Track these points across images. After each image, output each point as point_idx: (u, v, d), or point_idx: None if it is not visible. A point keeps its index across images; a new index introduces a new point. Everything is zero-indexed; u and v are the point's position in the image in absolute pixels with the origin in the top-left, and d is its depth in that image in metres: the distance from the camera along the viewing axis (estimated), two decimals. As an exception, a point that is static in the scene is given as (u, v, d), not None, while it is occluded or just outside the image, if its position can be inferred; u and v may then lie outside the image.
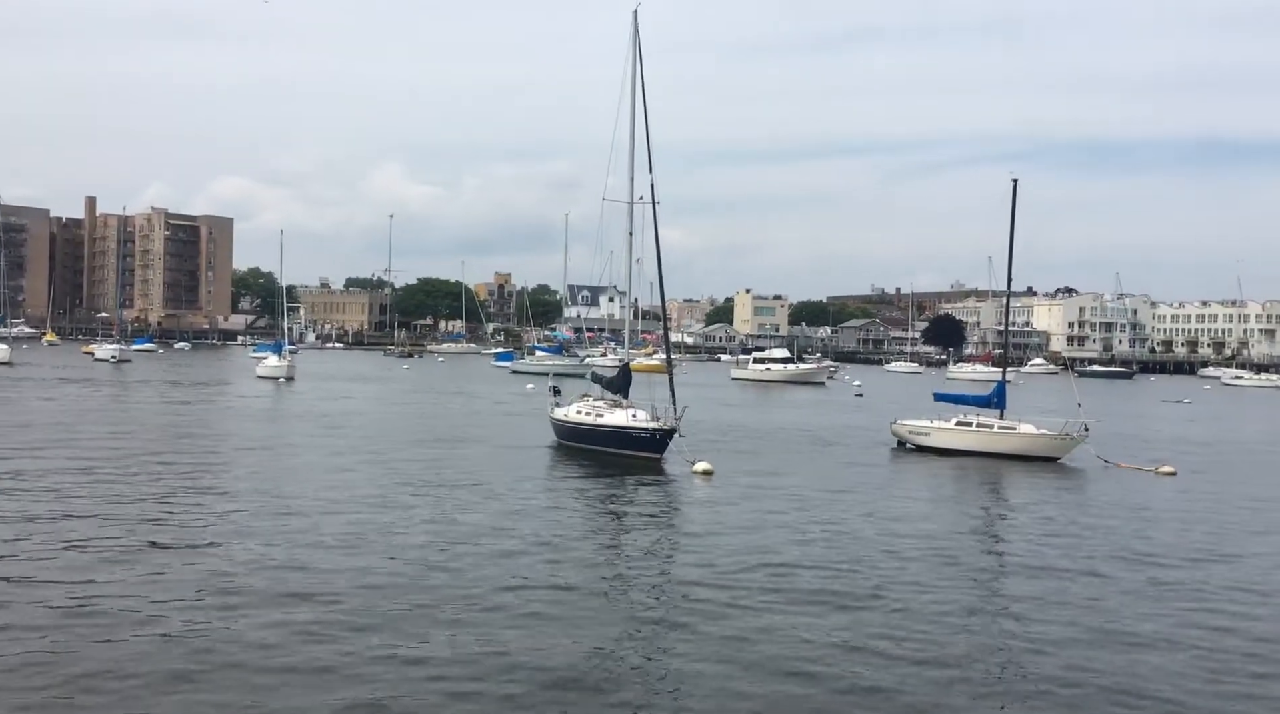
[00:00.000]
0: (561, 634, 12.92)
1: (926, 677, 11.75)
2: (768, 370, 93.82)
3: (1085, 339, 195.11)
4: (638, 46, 33.81)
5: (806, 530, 20.22)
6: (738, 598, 14.85)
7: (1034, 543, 20.12)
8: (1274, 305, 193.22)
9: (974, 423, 35.32)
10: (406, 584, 15.00)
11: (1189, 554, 19.28)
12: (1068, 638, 13.41)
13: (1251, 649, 13.28)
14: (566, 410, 33.57)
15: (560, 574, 16.01)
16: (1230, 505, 25.72)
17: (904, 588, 15.87)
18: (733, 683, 11.39)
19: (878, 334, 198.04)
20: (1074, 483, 29.48)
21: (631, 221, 35.44)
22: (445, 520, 19.98)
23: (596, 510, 22.58)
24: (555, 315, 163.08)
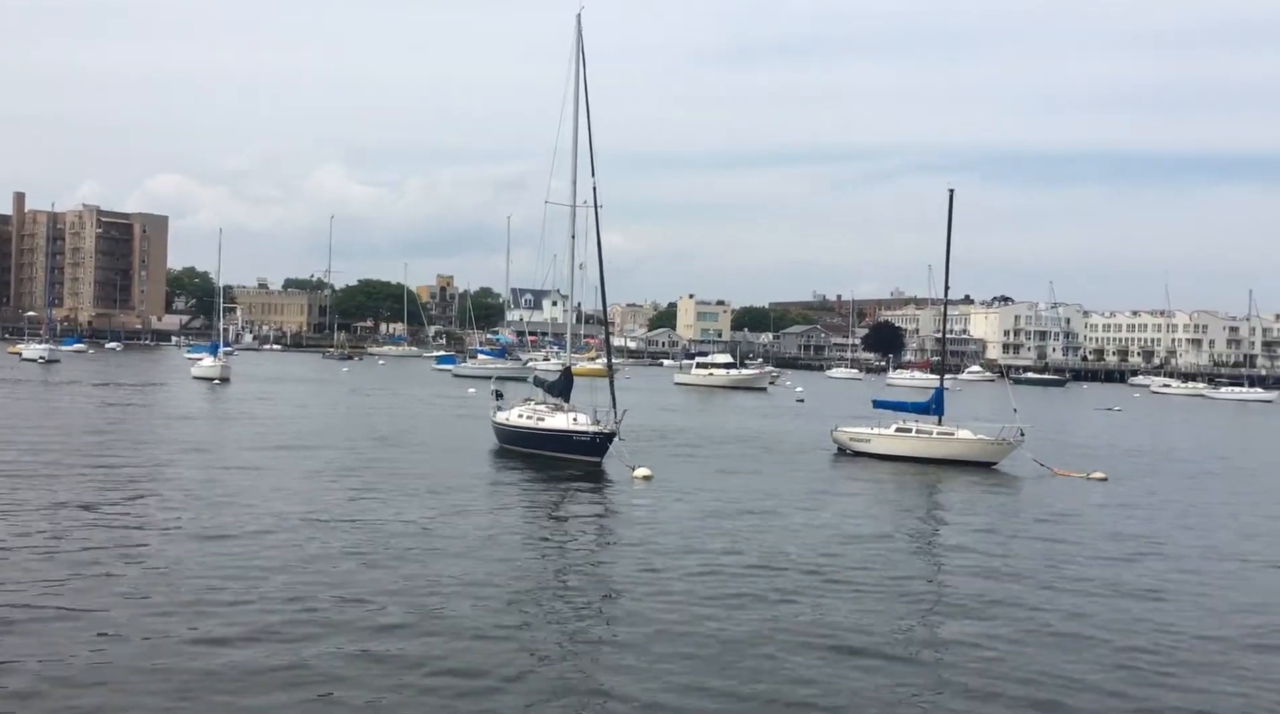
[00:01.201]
0: (490, 635, 12.82)
1: (855, 676, 11.82)
2: (710, 375, 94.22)
3: (1020, 347, 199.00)
4: (581, 49, 33.80)
5: (743, 535, 20.25)
6: (672, 602, 14.80)
7: (969, 546, 20.34)
8: (1200, 316, 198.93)
9: (913, 429, 35.75)
10: (335, 584, 14.73)
11: (1113, 555, 19.68)
12: (993, 634, 13.59)
13: (1158, 644, 13.68)
14: (508, 414, 33.39)
15: (494, 577, 15.87)
16: (1157, 510, 26.29)
17: (837, 588, 16.00)
18: (661, 683, 11.36)
19: (819, 340, 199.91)
20: (1009, 488, 29.96)
21: (574, 225, 35.36)
22: (380, 523, 19.66)
23: (534, 513, 22.41)
24: (498, 318, 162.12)
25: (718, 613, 14.30)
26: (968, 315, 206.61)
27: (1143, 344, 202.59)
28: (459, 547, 18.09)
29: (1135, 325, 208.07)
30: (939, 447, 34.86)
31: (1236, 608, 16.03)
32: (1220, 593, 17.02)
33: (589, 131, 33.45)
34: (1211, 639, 14.11)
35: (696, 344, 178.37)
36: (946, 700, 11.33)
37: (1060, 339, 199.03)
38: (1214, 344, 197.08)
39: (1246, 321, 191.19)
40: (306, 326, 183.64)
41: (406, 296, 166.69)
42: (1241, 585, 17.75)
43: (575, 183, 34.74)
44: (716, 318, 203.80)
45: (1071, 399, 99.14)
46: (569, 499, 24.43)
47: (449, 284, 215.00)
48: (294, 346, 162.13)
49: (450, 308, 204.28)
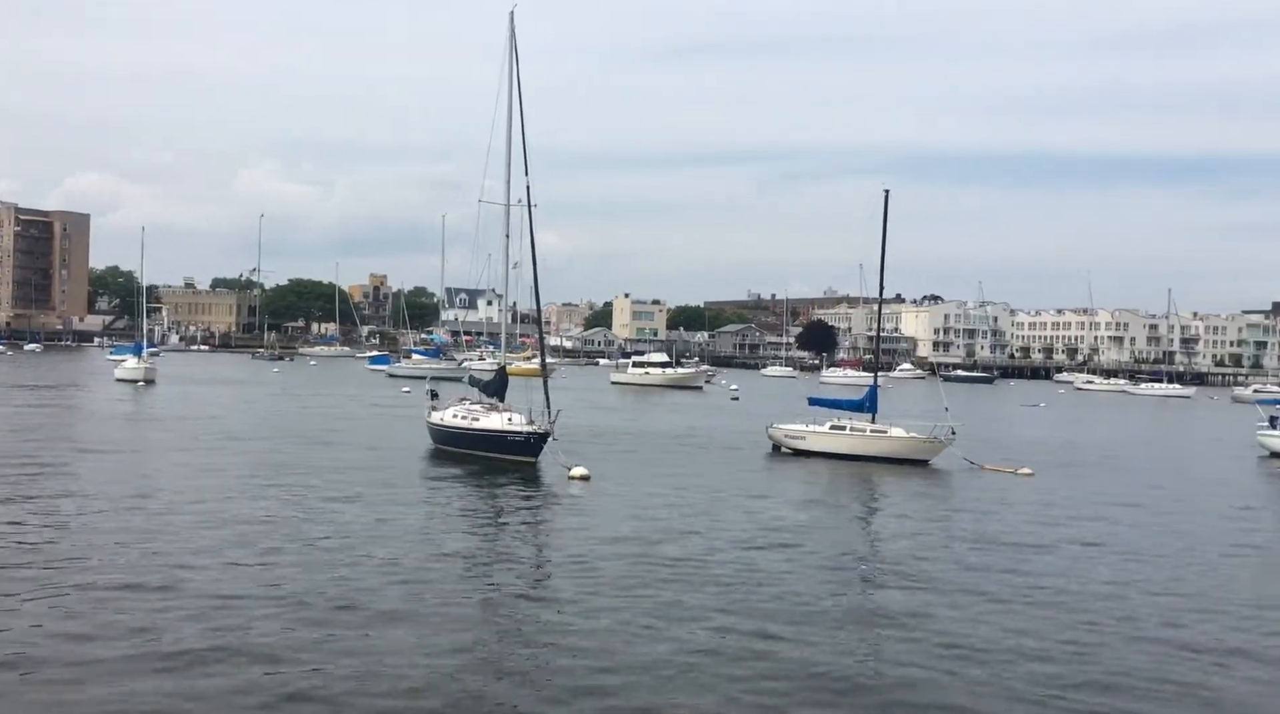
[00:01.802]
0: (422, 635, 12.73)
1: (789, 669, 11.92)
2: (647, 374, 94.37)
3: (950, 345, 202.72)
4: (514, 48, 33.63)
5: (679, 532, 20.35)
6: (606, 599, 14.81)
7: (900, 541, 20.70)
8: (1122, 314, 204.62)
9: (848, 427, 36.20)
10: (259, 584, 14.50)
11: (1038, 545, 20.18)
12: (925, 627, 13.85)
13: (1076, 622, 14.13)
14: (443, 414, 33.11)
15: (427, 577, 15.75)
16: (1080, 504, 26.95)
17: (769, 584, 16.17)
18: (593, 682, 11.35)
19: (754, 339, 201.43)
20: (941, 484, 30.49)
21: (508, 224, 35.15)
22: (310, 525, 19.33)
23: (468, 513, 22.25)
24: (432, 318, 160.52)
25: (651, 610, 14.33)
26: (899, 314, 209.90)
27: (1067, 342, 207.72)
28: (391, 547, 17.88)
29: (1060, 323, 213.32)
30: (873, 444, 35.34)
31: (1147, 592, 16.60)
32: (1135, 582, 17.53)
33: (523, 131, 33.40)
34: (1126, 620, 14.58)
35: (632, 343, 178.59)
36: (874, 687, 11.50)
37: (988, 337, 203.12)
38: (1135, 342, 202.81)
39: (1165, 320, 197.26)
40: (235, 327, 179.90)
41: (339, 296, 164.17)
42: (1153, 573, 18.29)
43: (509, 182, 34.59)
44: (652, 317, 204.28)
45: (999, 396, 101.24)
46: (504, 499, 24.30)
47: (382, 284, 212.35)
48: (222, 347, 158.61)
49: (384, 308, 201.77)
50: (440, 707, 10.67)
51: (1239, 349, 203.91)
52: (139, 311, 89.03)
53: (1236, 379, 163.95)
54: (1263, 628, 14.96)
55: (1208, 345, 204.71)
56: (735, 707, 10.94)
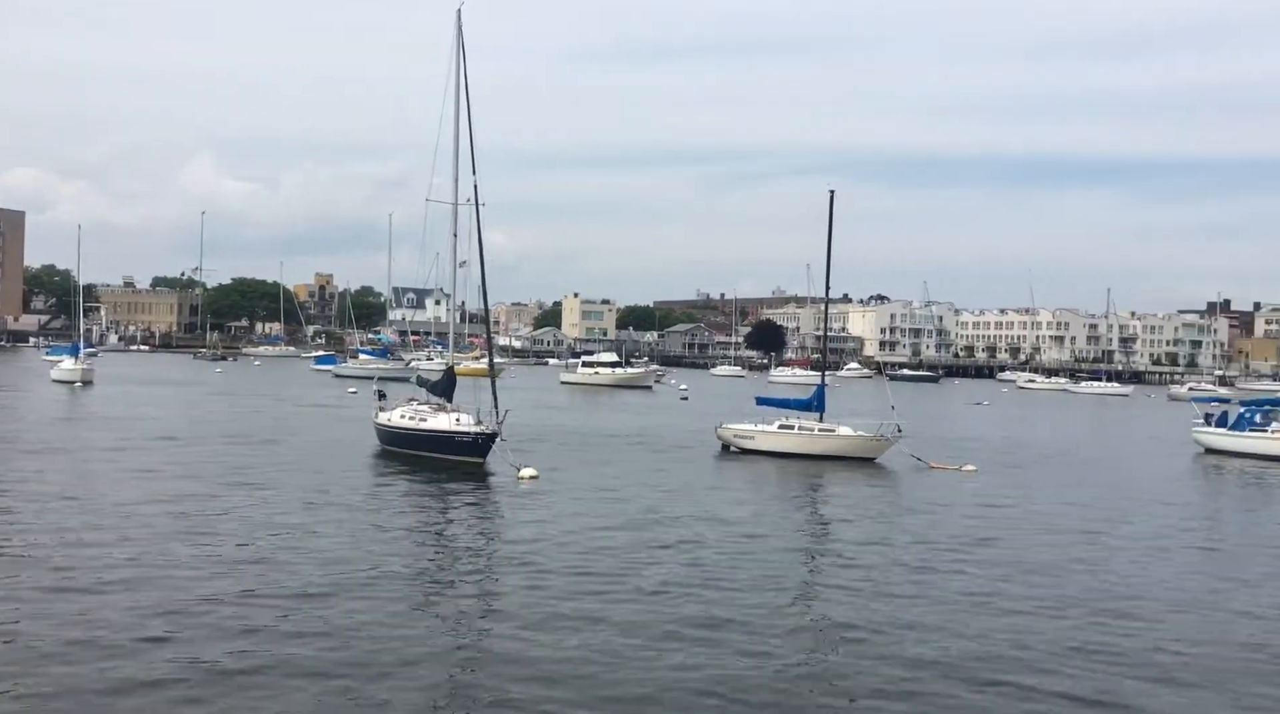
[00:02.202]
0: (366, 636, 12.60)
1: (733, 667, 11.96)
2: (596, 374, 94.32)
3: (896, 344, 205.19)
4: (461, 46, 33.42)
5: (628, 532, 20.32)
6: (554, 598, 14.75)
7: (848, 539, 20.85)
8: (1063, 314, 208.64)
9: (796, 426, 36.44)
10: (199, 586, 14.23)
11: (978, 541, 20.49)
12: (866, 619, 13.97)
13: (1016, 623, 14.25)
14: (390, 414, 32.78)
15: (372, 578, 15.58)
16: (1021, 499, 27.39)
17: (718, 583, 16.22)
18: (540, 680, 11.29)
19: (703, 339, 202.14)
20: (888, 482, 30.81)
21: (456, 223, 34.89)
22: (253, 526, 19.00)
23: (415, 514, 22.04)
24: (379, 318, 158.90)
25: (597, 611, 14.28)
26: (846, 314, 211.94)
27: (1010, 341, 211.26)
28: (336, 548, 17.64)
29: (1003, 323, 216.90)
30: (821, 443, 35.62)
31: (1086, 587, 16.87)
32: (1073, 577, 17.82)
33: (470, 129, 33.19)
34: (1063, 615, 14.82)
35: (582, 343, 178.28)
36: (817, 685, 11.57)
37: (933, 337, 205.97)
38: (1075, 341, 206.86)
39: (1105, 319, 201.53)
40: (177, 327, 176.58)
41: (284, 295, 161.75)
42: (1093, 567, 18.61)
43: (457, 181, 34.38)
44: (602, 317, 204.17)
45: (944, 394, 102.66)
46: (451, 500, 24.11)
47: (328, 283, 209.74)
48: (163, 348, 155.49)
49: (330, 307, 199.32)
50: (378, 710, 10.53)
51: (1175, 348, 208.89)
52: (76, 311, 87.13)
53: (1173, 378, 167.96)
54: (1201, 626, 15.28)
55: (1145, 344, 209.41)
56: (675, 709, 10.93)
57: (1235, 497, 31.81)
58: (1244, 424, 42.88)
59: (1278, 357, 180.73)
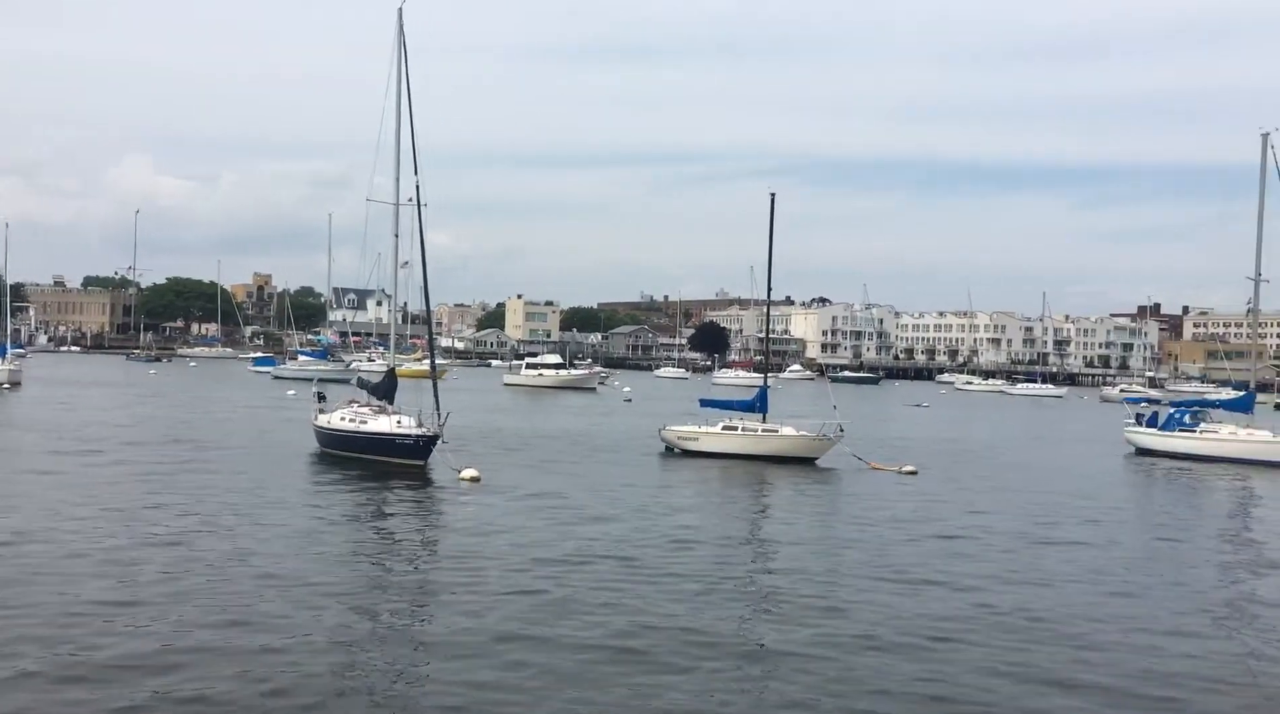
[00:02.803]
0: (301, 641, 12.42)
1: (674, 668, 11.98)
2: (540, 376, 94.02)
3: (837, 346, 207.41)
4: (402, 43, 33.20)
5: (570, 533, 20.25)
6: (493, 601, 14.66)
7: (790, 539, 21.02)
8: (999, 317, 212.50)
9: (739, 427, 36.66)
10: (130, 591, 13.87)
11: (912, 539, 20.77)
12: (800, 612, 14.10)
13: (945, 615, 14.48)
14: (330, 416, 32.35)
15: (309, 582, 15.38)
16: (958, 499, 27.81)
17: (660, 581, 16.24)
18: (477, 686, 11.21)
19: (647, 340, 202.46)
20: (829, 482, 31.11)
21: (397, 223, 34.51)
22: (187, 532, 18.58)
23: (354, 518, 21.75)
24: (319, 319, 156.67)
25: (540, 612, 14.21)
26: (789, 316, 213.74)
27: (948, 343, 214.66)
28: (273, 552, 17.36)
29: (941, 326, 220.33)
30: (764, 444, 35.86)
31: (1016, 581, 17.17)
32: (1007, 572, 18.16)
33: (411, 129, 33.01)
34: (984, 607, 15.09)
35: (525, 345, 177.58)
36: (758, 687, 11.63)
37: (874, 339, 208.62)
38: (1011, 343, 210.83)
39: (1040, 322, 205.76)
40: (110, 327, 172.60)
41: (221, 296, 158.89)
42: (1019, 564, 18.97)
43: (398, 180, 34.02)
44: (545, 318, 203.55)
45: (884, 396, 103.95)
46: (392, 502, 23.86)
47: (267, 283, 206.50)
48: (96, 348, 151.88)
49: (268, 308, 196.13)
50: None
51: (1107, 351, 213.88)
52: (2, 311, 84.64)
53: (1105, 379, 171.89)
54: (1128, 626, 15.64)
55: (1079, 347, 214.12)
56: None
57: (1162, 495, 32.61)
58: (1173, 425, 44.02)
59: (1205, 359, 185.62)
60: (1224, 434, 42.45)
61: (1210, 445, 41.95)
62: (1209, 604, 16.64)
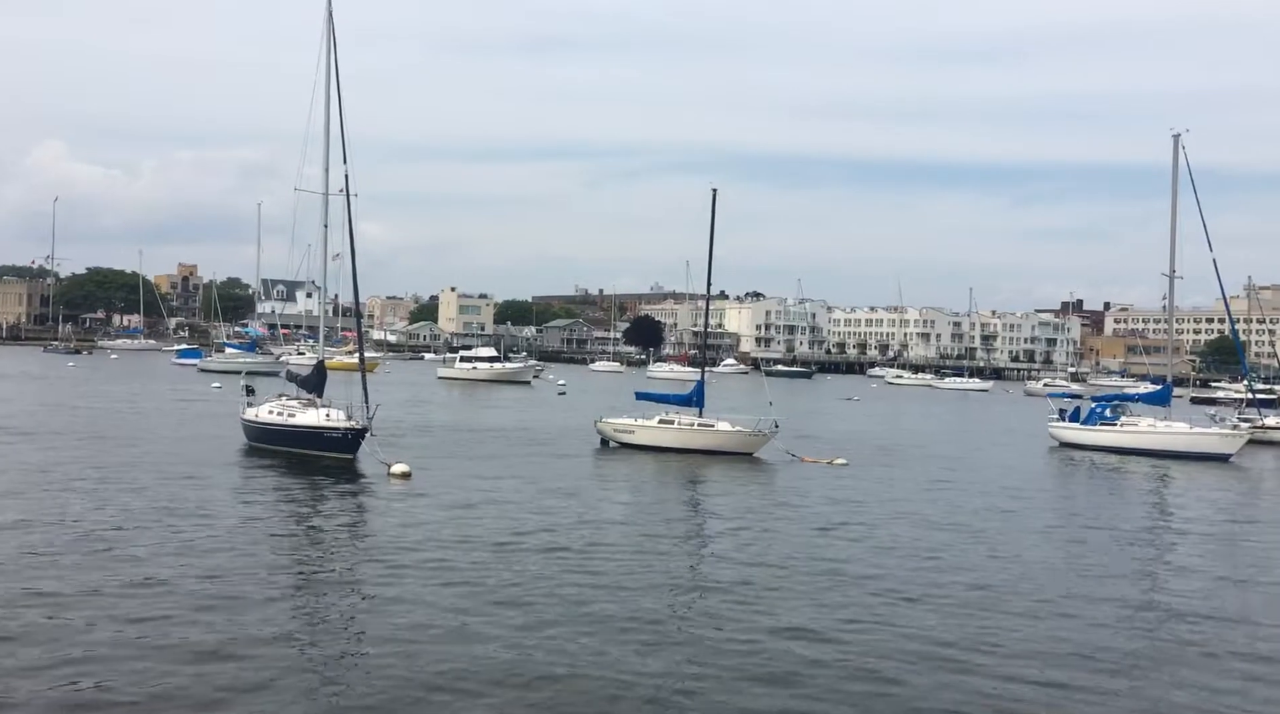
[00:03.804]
0: (226, 638, 12.25)
1: (607, 658, 11.98)
2: (474, 369, 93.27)
3: (771, 341, 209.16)
4: (331, 32, 32.64)
5: (502, 527, 20.13)
6: (419, 594, 14.56)
7: (723, 532, 21.16)
8: (928, 312, 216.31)
9: (675, 421, 36.77)
10: (38, 591, 13.44)
11: (839, 526, 21.07)
12: (732, 602, 14.22)
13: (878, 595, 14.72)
14: (258, 410, 31.76)
15: (229, 578, 15.14)
16: (888, 489, 28.24)
17: (594, 577, 16.27)
18: (403, 678, 11.13)
19: (581, 334, 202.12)
20: (763, 475, 31.35)
21: (327, 214, 33.92)
22: (108, 527, 18.07)
23: (281, 512, 21.37)
24: (247, 311, 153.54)
25: (463, 608, 14.12)
26: (723, 310, 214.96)
27: (879, 338, 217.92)
28: (198, 548, 16.97)
29: (872, 320, 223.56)
30: (700, 438, 36.00)
31: (942, 567, 17.50)
32: (929, 559, 18.50)
33: (340, 118, 32.46)
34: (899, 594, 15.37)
35: (459, 338, 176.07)
36: (694, 669, 11.66)
37: (807, 333, 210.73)
38: (940, 338, 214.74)
39: (967, 317, 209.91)
40: (26, 318, 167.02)
41: (143, 286, 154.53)
42: (939, 547, 19.35)
43: (327, 170, 33.46)
44: (479, 311, 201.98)
45: (818, 390, 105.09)
46: (320, 497, 23.48)
47: (192, 274, 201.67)
48: (11, 340, 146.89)
49: (194, 299, 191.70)
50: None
51: (1032, 346, 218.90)
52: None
53: (1030, 374, 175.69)
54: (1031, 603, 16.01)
55: (1005, 342, 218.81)
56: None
57: (1084, 487, 33.44)
58: (1095, 418, 45.16)
59: (1125, 354, 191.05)
60: (1143, 427, 43.67)
61: (1130, 438, 43.13)
62: (1115, 593, 17.10)
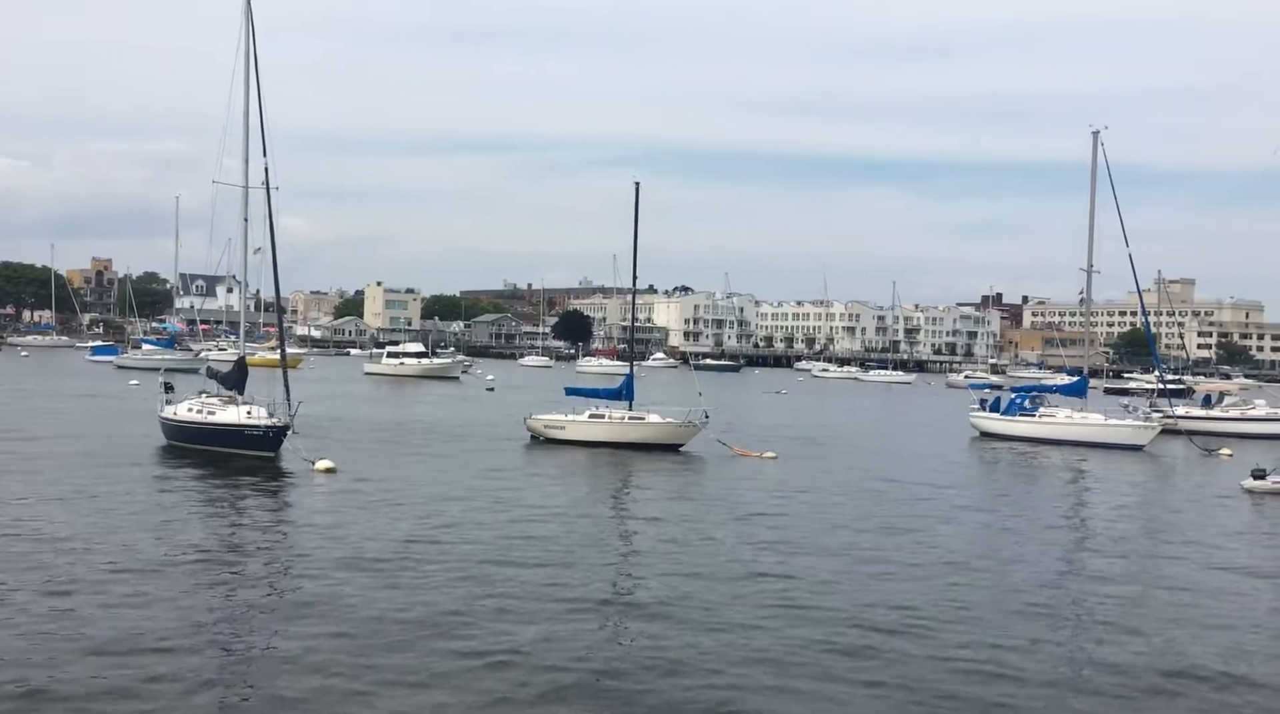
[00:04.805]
0: (146, 642, 12.00)
1: (529, 647, 11.96)
2: (402, 365, 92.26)
3: (700, 335, 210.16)
4: (250, 19, 31.94)
5: (428, 524, 19.95)
6: (337, 592, 14.40)
7: (652, 524, 21.24)
8: (854, 306, 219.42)
9: (606, 415, 36.75)
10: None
11: (769, 515, 21.30)
12: (669, 593, 14.28)
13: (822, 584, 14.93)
14: (176, 408, 30.98)
15: (145, 578, 14.84)
16: (816, 480, 28.59)
17: (525, 571, 16.21)
18: (327, 672, 11.00)
19: (510, 329, 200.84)
20: (695, 468, 31.53)
21: (247, 207, 33.13)
22: (16, 529, 17.46)
23: (201, 512, 20.87)
24: (165, 306, 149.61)
25: (389, 607, 13.97)
26: (651, 304, 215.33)
27: (806, 332, 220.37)
28: (112, 550, 16.52)
29: (799, 314, 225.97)
30: (631, 431, 36.06)
31: (863, 559, 17.83)
32: (858, 551, 18.81)
33: (260, 109, 31.82)
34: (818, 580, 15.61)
35: (386, 333, 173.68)
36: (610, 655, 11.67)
37: (735, 327, 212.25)
38: (865, 331, 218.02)
39: (891, 311, 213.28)
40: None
41: (55, 281, 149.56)
42: (860, 534, 19.69)
43: (247, 162, 32.70)
44: (406, 306, 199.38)
45: (745, 383, 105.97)
46: (241, 496, 23.01)
47: (107, 268, 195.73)
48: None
49: (109, 294, 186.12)
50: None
51: (954, 339, 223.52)
52: None
53: (951, 366, 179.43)
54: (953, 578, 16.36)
55: (928, 335, 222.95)
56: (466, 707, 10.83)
57: (1004, 475, 34.24)
58: (1014, 409, 46.27)
59: (1043, 346, 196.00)
60: (1060, 418, 44.87)
61: (1048, 429, 44.28)
62: (1027, 580, 17.56)
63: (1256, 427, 51.11)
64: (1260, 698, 11.78)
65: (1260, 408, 54.94)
